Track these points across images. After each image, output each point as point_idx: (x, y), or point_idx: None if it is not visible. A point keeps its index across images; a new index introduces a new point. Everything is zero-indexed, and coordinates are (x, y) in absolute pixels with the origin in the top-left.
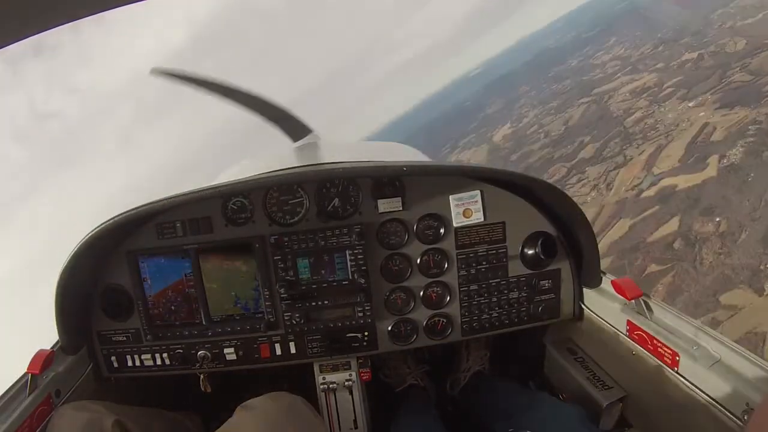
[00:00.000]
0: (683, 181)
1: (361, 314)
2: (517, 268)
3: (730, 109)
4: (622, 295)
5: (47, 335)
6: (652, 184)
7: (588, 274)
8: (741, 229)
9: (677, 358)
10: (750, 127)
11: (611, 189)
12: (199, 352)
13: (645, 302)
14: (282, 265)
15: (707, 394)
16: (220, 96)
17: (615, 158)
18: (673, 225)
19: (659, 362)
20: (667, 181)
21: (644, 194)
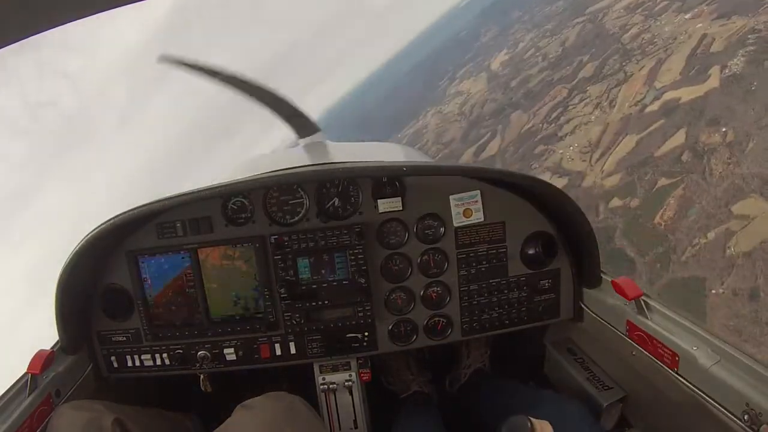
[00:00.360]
0: (686, 94)
1: (361, 314)
2: (517, 268)
3: (728, 19)
4: (622, 295)
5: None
6: (655, 98)
7: (588, 274)
8: (748, 138)
9: (677, 358)
10: (749, 36)
11: (614, 106)
12: (199, 353)
13: (645, 302)
14: (282, 265)
15: (707, 394)
16: (229, 87)
17: (615, 75)
18: (679, 138)
19: (659, 362)
20: (670, 95)
21: (648, 109)
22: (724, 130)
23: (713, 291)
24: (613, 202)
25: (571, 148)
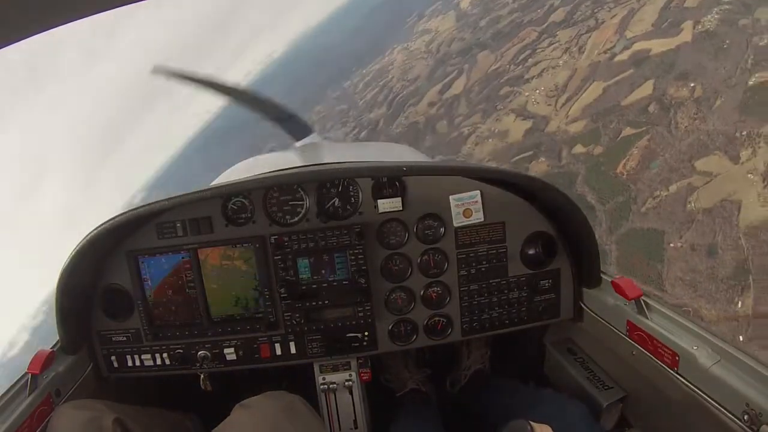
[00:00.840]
0: (657, 46)
1: (361, 314)
2: (517, 268)
3: None
4: (622, 295)
5: None
6: (625, 48)
7: (588, 274)
8: (716, 95)
9: (677, 358)
10: None
11: (583, 52)
12: (199, 352)
13: (645, 302)
14: (282, 265)
15: (707, 394)
16: (223, 95)
17: (586, 22)
18: (647, 89)
19: (659, 362)
20: (640, 45)
21: (617, 58)
22: (692, 85)
23: (671, 244)
24: (576, 148)
25: (537, 91)
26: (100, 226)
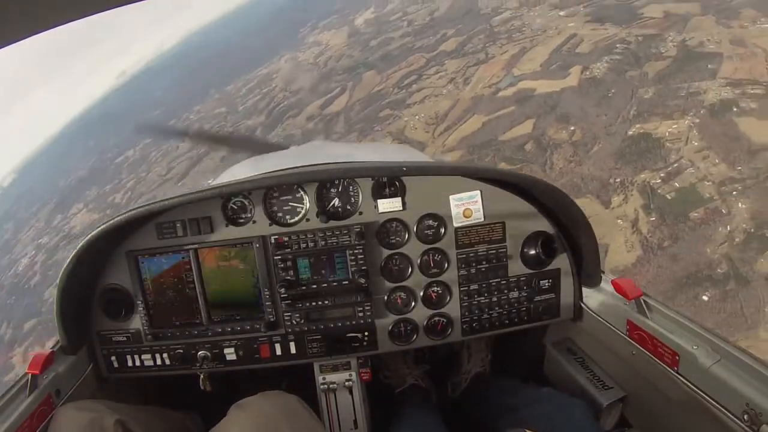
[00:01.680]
0: (543, 86)
1: (361, 314)
2: (517, 268)
3: (601, 24)
4: (622, 294)
5: None
6: (511, 84)
7: (588, 273)
8: (595, 140)
9: (677, 358)
10: (618, 45)
11: (468, 84)
12: (199, 353)
13: (645, 302)
14: (282, 266)
15: (707, 394)
16: (200, 142)
17: (477, 54)
18: (527, 127)
19: (659, 362)
20: (526, 84)
21: (501, 93)
22: (572, 128)
23: None
24: None
25: (417, 117)
26: (100, 226)
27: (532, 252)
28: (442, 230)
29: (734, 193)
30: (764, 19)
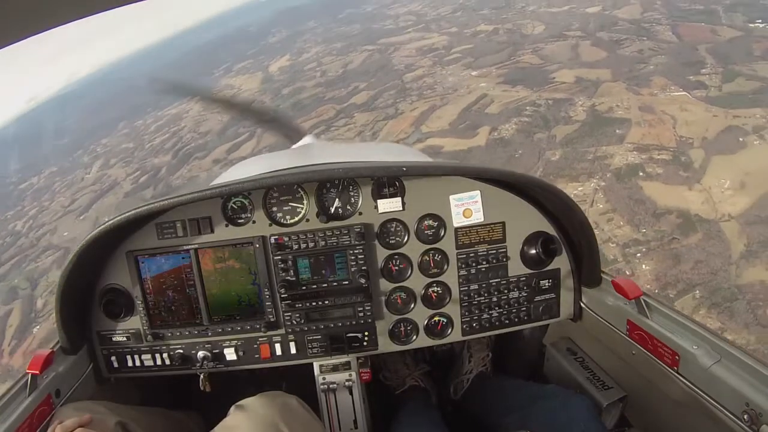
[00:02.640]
0: (450, 144)
1: (361, 314)
2: (517, 268)
3: (513, 86)
4: (622, 294)
5: None
6: (419, 140)
7: (588, 273)
8: None
9: (677, 358)
10: (528, 107)
11: (376, 138)
12: (199, 353)
13: (645, 302)
14: (282, 266)
15: (707, 394)
16: (218, 107)
17: (386, 109)
18: None
19: (659, 362)
20: (433, 141)
21: None
22: None
23: None
24: None
25: None
26: (100, 226)
27: (532, 252)
28: (442, 230)
29: (638, 255)
30: (674, 88)
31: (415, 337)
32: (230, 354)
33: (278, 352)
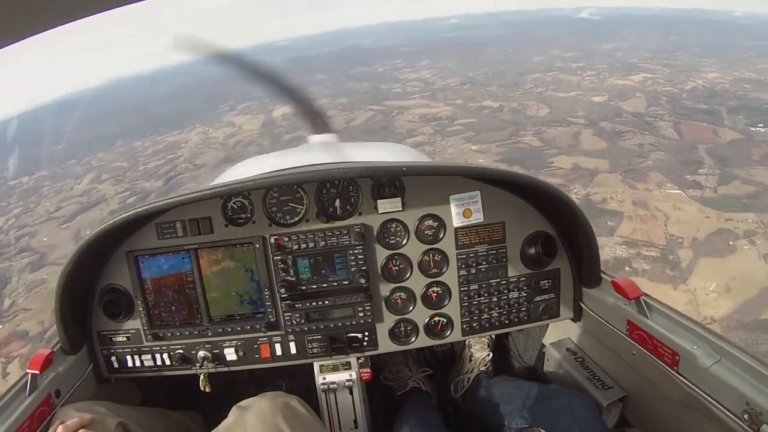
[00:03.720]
0: None
1: (361, 314)
2: (517, 268)
3: (509, 166)
4: (622, 294)
5: None
6: None
7: (588, 273)
8: None
9: (677, 358)
10: None
11: None
12: (199, 353)
13: (645, 302)
14: (282, 266)
15: (707, 394)
16: (263, 83)
17: None
18: None
19: (659, 362)
20: None
21: None
22: None
23: None
24: None
25: None
26: (100, 226)
27: (532, 252)
28: (442, 230)
29: None
30: (670, 185)
31: (415, 337)
32: (230, 354)
33: (278, 352)
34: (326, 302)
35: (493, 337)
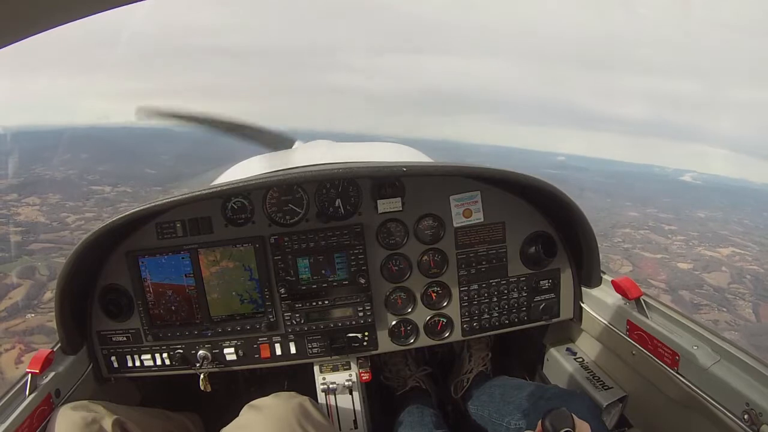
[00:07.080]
0: None
1: (361, 314)
2: (517, 268)
3: None
4: (622, 294)
5: None
6: None
7: (588, 274)
8: None
9: (677, 358)
10: None
11: None
12: (199, 352)
13: (645, 302)
14: (282, 266)
15: (707, 394)
16: (204, 127)
17: None
18: None
19: (659, 362)
20: None
21: None
22: None
23: None
24: None
25: None
26: (100, 226)
27: (532, 252)
28: (442, 230)
29: None
30: None
31: (415, 337)
32: (230, 354)
33: (278, 352)
34: (326, 302)
35: (493, 336)
